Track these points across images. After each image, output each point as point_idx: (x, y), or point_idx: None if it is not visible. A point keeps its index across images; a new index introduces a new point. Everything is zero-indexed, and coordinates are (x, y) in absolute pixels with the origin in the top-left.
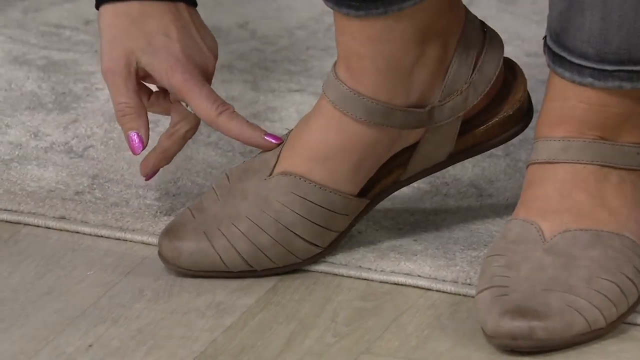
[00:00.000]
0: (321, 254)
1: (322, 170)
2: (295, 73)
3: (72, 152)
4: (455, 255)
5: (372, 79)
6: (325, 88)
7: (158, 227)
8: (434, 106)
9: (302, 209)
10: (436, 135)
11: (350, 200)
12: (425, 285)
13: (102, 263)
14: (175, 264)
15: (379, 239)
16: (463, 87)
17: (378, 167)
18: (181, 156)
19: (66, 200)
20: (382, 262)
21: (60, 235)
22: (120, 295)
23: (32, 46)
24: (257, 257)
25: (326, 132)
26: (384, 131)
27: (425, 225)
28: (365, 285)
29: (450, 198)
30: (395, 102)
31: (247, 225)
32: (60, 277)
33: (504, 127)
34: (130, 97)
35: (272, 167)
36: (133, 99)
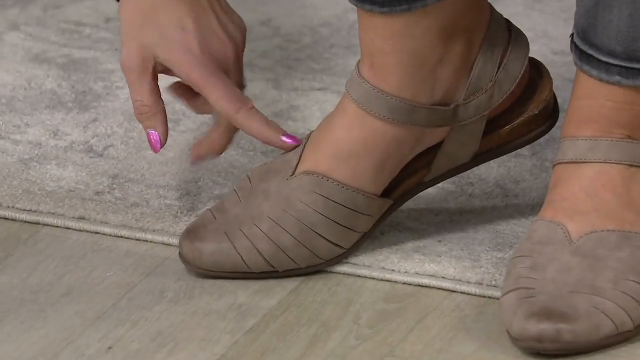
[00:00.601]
0: (344, 254)
1: (345, 169)
2: (318, 71)
3: (92, 152)
4: (480, 256)
5: (396, 77)
6: (348, 86)
7: (179, 228)
8: (459, 104)
9: (325, 208)
10: (461, 134)
11: (373, 200)
12: (449, 287)
13: (122, 264)
14: (196, 265)
15: (402, 240)
16: (488, 85)
17: (402, 167)
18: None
19: (86, 200)
20: (405, 263)
21: (79, 236)
22: (140, 297)
23: (52, 44)
24: (279, 257)
25: (349, 130)
26: (407, 129)
27: (449, 226)
28: (388, 286)
29: (475, 198)
30: (419, 99)
31: (269, 226)
32: (80, 278)
33: (530, 126)
34: (145, 94)
35: (294, 167)
36: (148, 96)
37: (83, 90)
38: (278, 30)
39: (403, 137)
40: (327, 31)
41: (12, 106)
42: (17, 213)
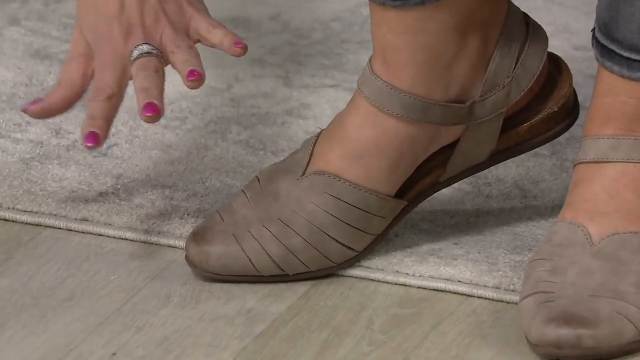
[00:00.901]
0: (356, 257)
1: (357, 169)
2: (330, 68)
3: (95, 151)
4: (497, 259)
5: (410, 73)
6: (361, 83)
7: (185, 230)
8: (475, 101)
9: (336, 209)
10: (477, 133)
11: (387, 201)
12: (466, 291)
13: (127, 267)
14: (203, 268)
15: (417, 243)
16: (505, 82)
17: (416, 167)
18: (210, 155)
19: (89, 201)
20: (420, 266)
21: (82, 238)
22: (145, 301)
23: (54, 39)
24: (289, 260)
25: (361, 129)
26: (421, 127)
27: (466, 228)
28: (402, 291)
29: (492, 199)
30: (433, 96)
31: (279, 227)
32: (83, 281)
33: (549, 124)
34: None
35: (304, 167)
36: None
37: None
38: (288, 25)
39: (417, 136)
40: (339, 26)
41: (13, 104)
42: (18, 214)
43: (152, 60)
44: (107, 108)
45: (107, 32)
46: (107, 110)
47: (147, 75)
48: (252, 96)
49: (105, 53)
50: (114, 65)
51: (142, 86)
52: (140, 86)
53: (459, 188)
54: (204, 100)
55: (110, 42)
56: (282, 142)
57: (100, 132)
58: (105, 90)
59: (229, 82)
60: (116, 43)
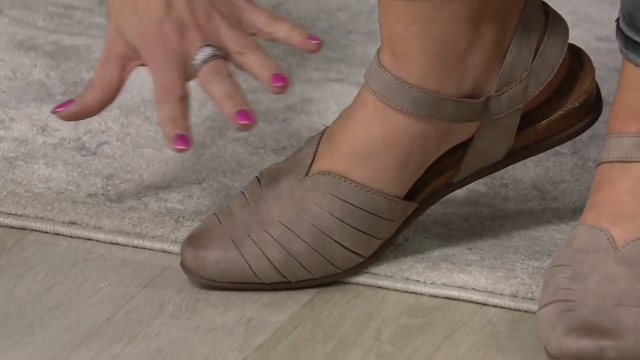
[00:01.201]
0: (363, 264)
1: (365, 169)
2: (335, 60)
3: (84, 149)
4: (514, 265)
5: (420, 66)
6: (368, 77)
7: (180, 234)
8: (490, 96)
9: (342, 212)
10: (493, 130)
11: (396, 203)
12: (480, 299)
13: (118, 274)
14: (200, 275)
15: (428, 248)
16: (523, 75)
17: (427, 167)
18: (207, 154)
19: (77, 203)
20: (432, 273)
21: (70, 243)
22: (138, 310)
23: (40, 30)
24: (291, 266)
25: (369, 125)
26: (433, 124)
27: (481, 232)
28: (413, 299)
29: (509, 201)
30: (445, 91)
31: (281, 231)
32: (71, 289)
33: (570, 121)
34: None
35: (308, 167)
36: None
37: (74, 81)
38: (290, 15)
39: (428, 133)
40: (345, 16)
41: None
42: (2, 217)
43: (222, 63)
44: (183, 109)
45: (157, 34)
46: (185, 111)
47: (223, 81)
48: (252, 90)
49: (161, 54)
50: (176, 65)
51: (224, 93)
52: (221, 93)
53: (474, 189)
54: (200, 95)
55: (164, 44)
56: (283, 140)
57: (187, 134)
58: (174, 91)
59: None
60: (171, 44)
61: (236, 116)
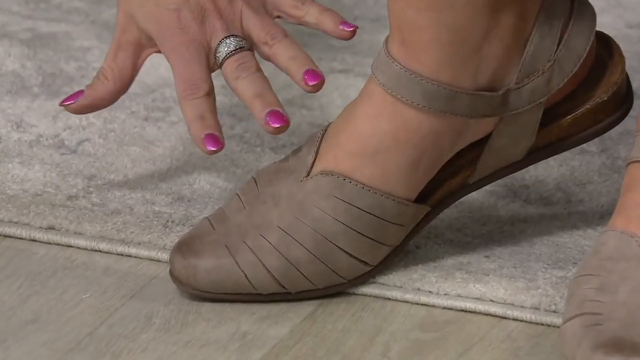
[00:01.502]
0: (370, 273)
1: (372, 169)
2: (340, 49)
3: (63, 147)
4: (536, 275)
5: (433, 56)
6: (375, 68)
7: (169, 240)
8: (510, 89)
9: (346, 216)
10: (512, 127)
11: (406, 206)
12: (499, 312)
13: (100, 284)
14: (191, 285)
15: (442, 256)
16: (545, 66)
17: (440, 166)
18: (198, 152)
19: (56, 206)
20: (445, 283)
21: (48, 250)
22: (123, 324)
23: (14, 15)
24: (291, 276)
25: (376, 121)
26: (447, 120)
27: (499, 239)
28: (424, 312)
29: (531, 205)
30: (460, 83)
31: (279, 237)
32: (49, 301)
33: (597, 116)
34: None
35: (309, 166)
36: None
37: (52, 72)
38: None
39: (441, 130)
40: (351, 0)
41: None
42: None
43: (248, 56)
44: (211, 105)
45: (175, 21)
46: (213, 107)
47: (253, 79)
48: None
49: (181, 44)
50: (198, 56)
51: (253, 92)
52: (250, 92)
53: (492, 191)
54: None
55: (184, 32)
56: (282, 136)
57: (218, 133)
58: (201, 85)
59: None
60: (192, 32)
61: (267, 118)
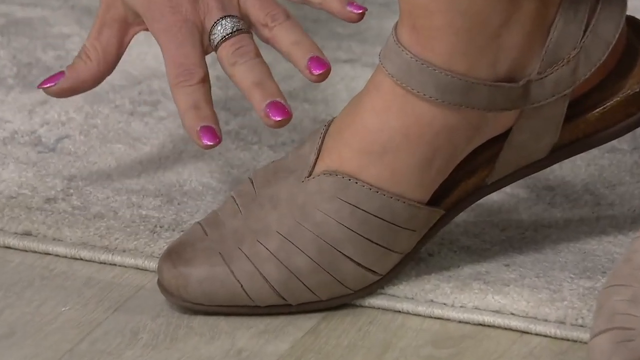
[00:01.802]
0: (379, 283)
1: (380, 168)
2: (345, 37)
3: (40, 145)
4: (561, 285)
5: (447, 44)
6: (383, 56)
7: (157, 247)
8: (531, 80)
9: (352, 220)
10: (534, 121)
11: (418, 209)
12: (520, 326)
13: (82, 295)
14: (181, 297)
15: (457, 264)
16: (571, 54)
17: (455, 165)
18: (189, 150)
19: (32, 210)
20: (461, 294)
21: (24, 258)
22: (106, 339)
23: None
24: (291, 286)
25: (384, 116)
26: (462, 114)
27: (520, 245)
28: (438, 326)
29: (555, 208)
30: (477, 74)
31: (279, 244)
32: (25, 314)
33: (628, 109)
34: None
35: (311, 165)
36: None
37: (28, 62)
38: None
39: (456, 125)
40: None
41: None
42: None
43: (247, 40)
44: (207, 93)
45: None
46: (209, 95)
47: (251, 65)
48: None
49: (172, 24)
50: (192, 39)
51: (252, 80)
52: (248, 80)
53: (512, 193)
54: None
55: (175, 10)
56: (282, 132)
57: (215, 125)
58: (195, 71)
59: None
60: (184, 11)
61: (267, 110)
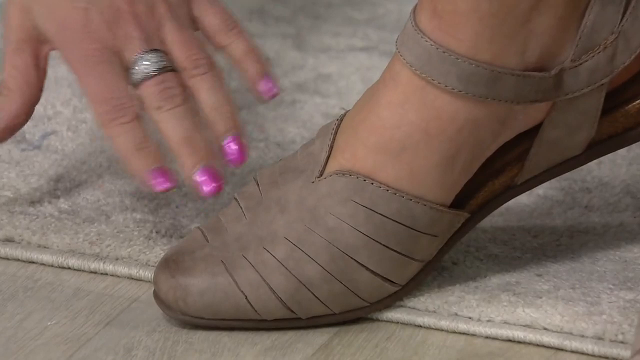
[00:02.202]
0: (397, 294)
1: (398, 167)
2: (361, 22)
3: (24, 142)
4: (600, 298)
5: (471, 29)
6: (401, 44)
7: (153, 255)
8: (564, 68)
9: (368, 225)
10: (568, 114)
11: (440, 212)
12: (554, 343)
13: (70, 308)
14: (180, 310)
15: (484, 274)
16: (608, 40)
17: (481, 164)
18: None
19: (15, 213)
20: (489, 307)
21: (6, 267)
22: (97, 356)
23: None
24: (301, 298)
25: (402, 110)
26: (488, 107)
27: (554, 253)
28: (463, 342)
29: (593, 212)
30: (505, 62)
31: (287, 251)
32: (7, 328)
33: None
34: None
35: (322, 164)
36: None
37: None
38: None
39: (482, 119)
40: None
41: None
42: None
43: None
44: (141, 130)
45: (81, 22)
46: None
47: (179, 114)
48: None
49: (90, 53)
50: (113, 70)
51: (183, 135)
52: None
53: (545, 195)
54: None
55: (92, 37)
56: (291, 129)
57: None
58: (127, 106)
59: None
60: (102, 37)
61: (197, 178)
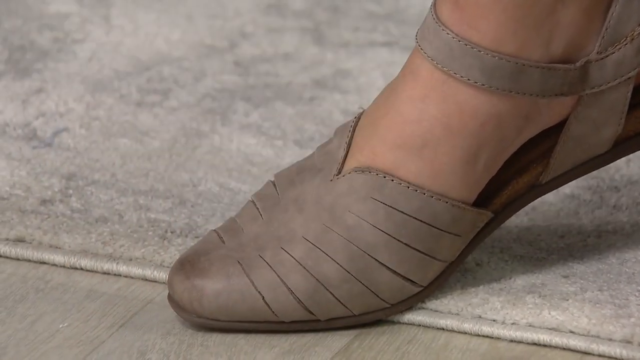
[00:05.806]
0: (419, 296)
1: (419, 164)
2: (382, 17)
3: (35, 139)
4: (628, 300)
5: (494, 21)
6: (421, 37)
7: (168, 256)
8: (590, 61)
9: (388, 223)
10: (594, 109)
11: (463, 211)
12: (581, 346)
13: (82, 310)
14: (195, 312)
15: (508, 275)
16: (635, 31)
17: (504, 161)
18: (204, 146)
19: (27, 213)
20: (514, 310)
21: (17, 268)
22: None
23: None
24: (320, 299)
25: (423, 105)
26: (512, 102)
27: (581, 254)
28: (487, 345)
29: (621, 212)
30: (529, 55)
31: (305, 250)
32: (18, 331)
33: None
34: None
35: (340, 162)
36: None
37: (21, 45)
38: None
39: (505, 114)
40: None
41: None
42: None
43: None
44: None
45: None
46: None
47: None
48: (266, 59)
49: None
50: None
51: None
52: None
53: (572, 194)
54: (195, 64)
55: None
56: (309, 126)
57: None
58: None
59: (231, 38)
60: None
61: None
